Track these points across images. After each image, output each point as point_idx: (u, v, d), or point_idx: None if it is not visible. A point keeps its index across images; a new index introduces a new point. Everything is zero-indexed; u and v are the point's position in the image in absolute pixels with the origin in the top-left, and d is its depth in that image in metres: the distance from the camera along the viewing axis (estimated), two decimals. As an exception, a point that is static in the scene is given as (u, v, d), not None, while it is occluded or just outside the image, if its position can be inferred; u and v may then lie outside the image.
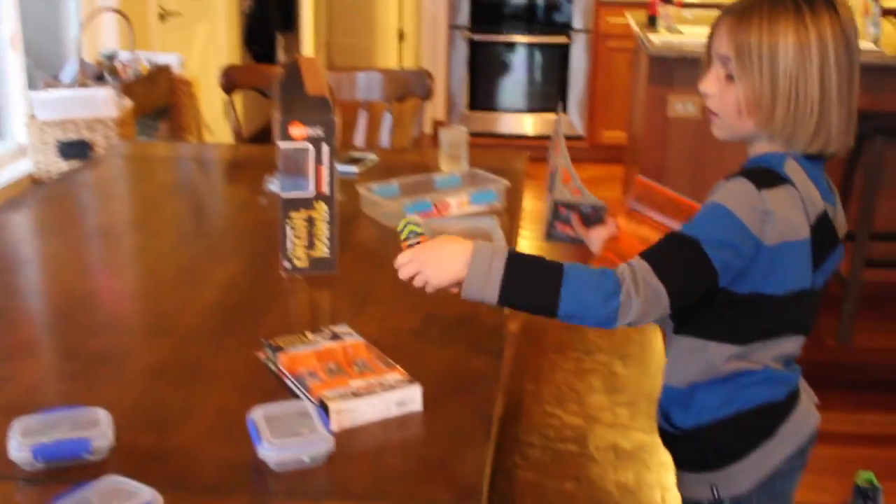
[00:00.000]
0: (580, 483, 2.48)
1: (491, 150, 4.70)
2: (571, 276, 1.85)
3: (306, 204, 2.57)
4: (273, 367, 2.10)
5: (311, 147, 2.50)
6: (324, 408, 1.89)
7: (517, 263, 1.84)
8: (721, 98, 1.91)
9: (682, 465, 2.08)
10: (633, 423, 2.73)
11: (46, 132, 3.98)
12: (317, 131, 2.49)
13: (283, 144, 2.49)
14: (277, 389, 2.04)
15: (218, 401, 2.01)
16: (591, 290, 1.85)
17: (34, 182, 4.01)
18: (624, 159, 6.48)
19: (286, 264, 2.59)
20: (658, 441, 2.13)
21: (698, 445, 2.01)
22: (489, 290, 1.83)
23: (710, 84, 1.93)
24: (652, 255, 1.85)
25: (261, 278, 2.61)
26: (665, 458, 2.23)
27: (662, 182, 2.30)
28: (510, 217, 2.99)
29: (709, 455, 2.00)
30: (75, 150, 3.98)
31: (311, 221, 2.58)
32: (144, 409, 1.98)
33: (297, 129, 2.48)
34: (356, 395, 1.93)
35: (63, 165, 3.98)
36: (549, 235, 2.44)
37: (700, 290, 1.86)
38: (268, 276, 2.60)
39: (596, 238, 2.28)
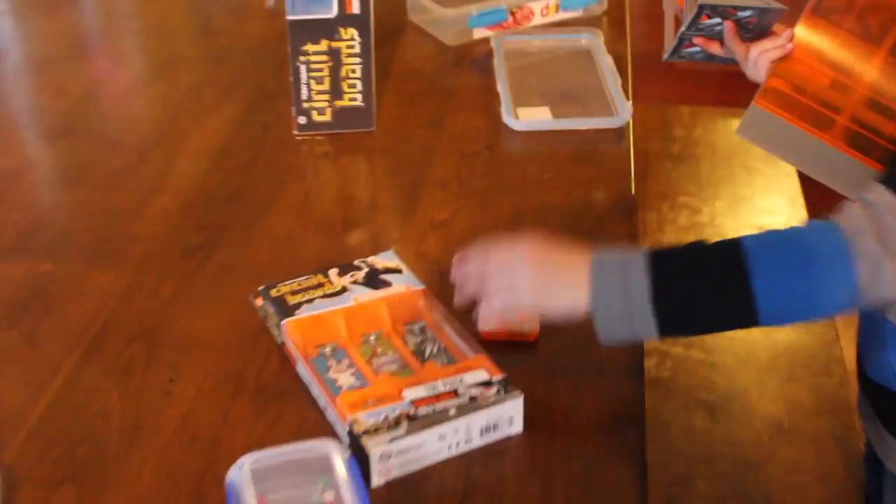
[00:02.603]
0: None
1: None
2: (759, 252, 1.05)
3: (328, 31, 1.68)
4: (275, 332, 1.29)
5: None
6: (357, 449, 1.10)
7: (667, 266, 1.10)
8: None
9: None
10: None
11: None
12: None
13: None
14: (281, 381, 1.24)
15: (177, 412, 1.22)
16: (799, 265, 1.03)
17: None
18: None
19: (300, 119, 1.73)
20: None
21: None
22: (638, 322, 1.09)
23: None
24: None
25: (261, 141, 1.75)
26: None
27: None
28: (617, 29, 2.09)
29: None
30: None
31: (335, 56, 1.70)
32: (57, 423, 1.20)
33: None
34: (414, 419, 1.12)
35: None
36: (675, 52, 1.57)
37: None
38: (273, 136, 1.75)
39: (759, 56, 1.45)
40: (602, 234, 1.50)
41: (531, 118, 1.78)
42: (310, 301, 1.30)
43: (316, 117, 1.74)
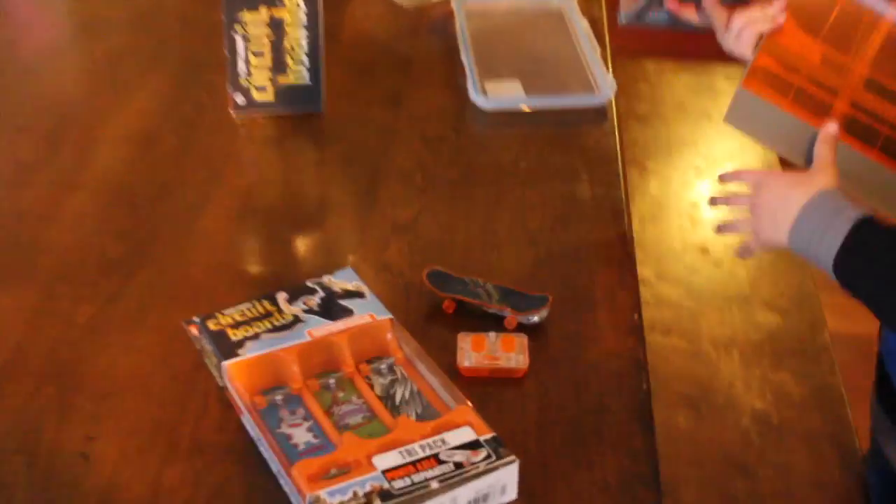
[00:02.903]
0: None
1: None
2: None
3: (267, -2, 1.45)
4: (215, 372, 1.08)
5: None
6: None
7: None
8: None
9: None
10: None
11: None
12: None
13: None
14: (223, 437, 1.04)
15: (97, 483, 1.01)
16: None
17: None
18: None
19: (238, 98, 1.50)
20: None
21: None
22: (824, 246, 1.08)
23: None
24: None
25: (193, 124, 1.52)
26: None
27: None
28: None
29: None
30: None
31: (276, 26, 1.47)
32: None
33: None
34: (388, 496, 0.92)
35: None
36: (639, 17, 1.39)
37: None
38: (206, 118, 1.52)
39: (744, 27, 1.24)
40: (589, 238, 1.30)
41: (501, 95, 1.57)
42: (255, 336, 1.09)
43: (256, 96, 1.51)
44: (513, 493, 0.97)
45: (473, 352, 1.11)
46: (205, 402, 1.08)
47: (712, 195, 1.27)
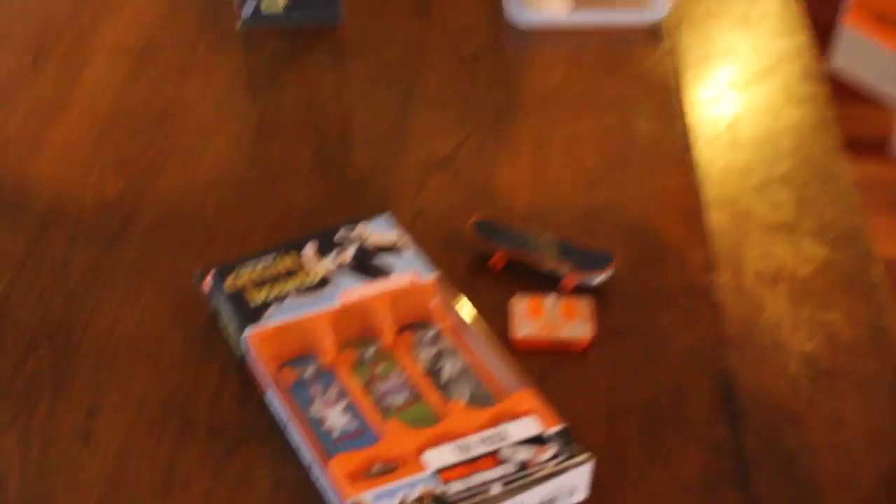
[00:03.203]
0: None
1: None
2: None
3: None
4: (232, 338, 0.94)
5: None
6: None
7: None
8: None
9: None
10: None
11: None
12: None
13: None
14: (244, 416, 0.90)
15: (100, 468, 0.87)
16: None
17: None
18: None
19: (245, 9, 1.33)
20: None
21: None
22: None
23: None
24: None
25: (195, 39, 1.34)
26: None
27: None
28: None
29: None
30: None
31: (294, -74, 1.29)
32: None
33: None
34: (441, 503, 0.79)
35: None
36: None
37: None
38: (210, 31, 1.35)
39: None
40: (651, 183, 1.15)
41: (543, 8, 1.39)
42: (280, 299, 0.94)
43: (266, 6, 1.33)
44: (582, 494, 0.84)
45: (529, 319, 0.97)
46: (223, 372, 0.94)
47: None
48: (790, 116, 1.24)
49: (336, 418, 0.88)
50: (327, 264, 0.98)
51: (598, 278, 1.01)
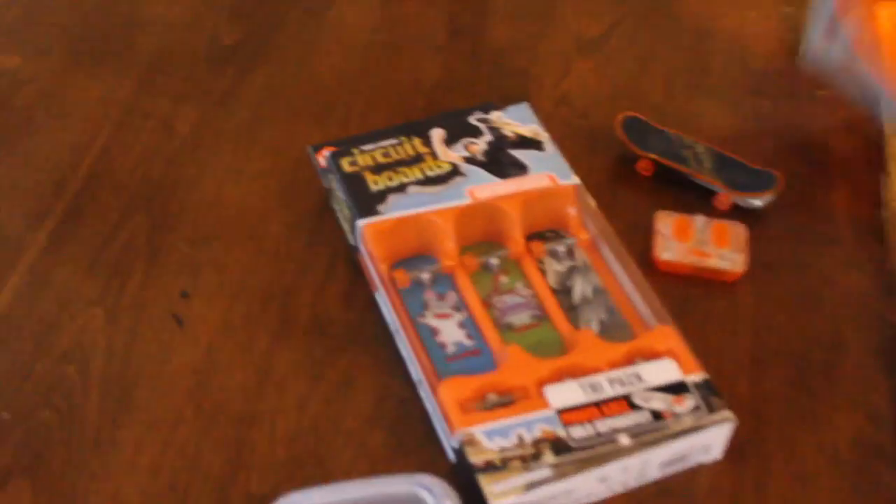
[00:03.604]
0: None
1: None
2: None
3: None
4: (345, 226, 0.85)
5: None
6: (470, 488, 0.68)
7: None
8: None
9: None
10: None
11: None
12: None
13: None
14: (351, 315, 0.82)
15: (189, 360, 0.80)
16: None
17: None
18: None
19: None
20: None
21: None
22: None
23: None
24: None
25: None
26: None
27: None
28: None
29: None
30: None
31: None
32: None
33: None
34: (564, 448, 0.70)
35: None
36: None
37: None
38: None
39: None
40: (826, 95, 1.02)
41: None
42: (401, 187, 0.85)
43: None
44: (717, 454, 0.75)
45: (675, 240, 0.86)
46: (332, 262, 0.86)
47: None
48: None
49: (451, 331, 0.79)
50: (456, 153, 0.87)
51: (759, 201, 0.90)
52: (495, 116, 0.91)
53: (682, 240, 0.86)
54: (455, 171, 0.86)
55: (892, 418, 0.78)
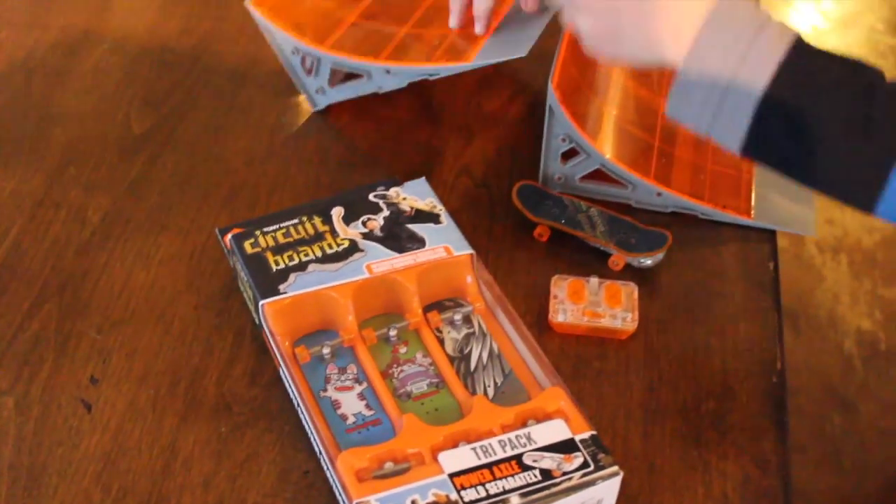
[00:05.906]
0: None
1: None
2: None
3: None
4: (250, 304, 0.88)
5: None
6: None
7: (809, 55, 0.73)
8: None
9: None
10: None
11: None
12: None
13: None
14: (256, 391, 0.84)
15: (98, 443, 0.82)
16: None
17: None
18: None
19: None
20: None
21: None
22: (731, 105, 0.73)
23: None
24: None
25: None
26: None
27: None
28: None
29: None
30: None
31: None
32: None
33: None
34: (456, 510, 0.73)
35: None
36: None
37: None
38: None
39: None
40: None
41: None
42: (302, 266, 0.87)
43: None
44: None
45: (570, 302, 0.90)
46: (238, 341, 0.88)
47: None
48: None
49: (351, 404, 0.82)
50: (355, 230, 0.90)
51: (649, 260, 0.93)
52: (394, 192, 0.94)
53: (576, 302, 0.90)
54: (354, 248, 0.89)
55: (778, 462, 0.81)
